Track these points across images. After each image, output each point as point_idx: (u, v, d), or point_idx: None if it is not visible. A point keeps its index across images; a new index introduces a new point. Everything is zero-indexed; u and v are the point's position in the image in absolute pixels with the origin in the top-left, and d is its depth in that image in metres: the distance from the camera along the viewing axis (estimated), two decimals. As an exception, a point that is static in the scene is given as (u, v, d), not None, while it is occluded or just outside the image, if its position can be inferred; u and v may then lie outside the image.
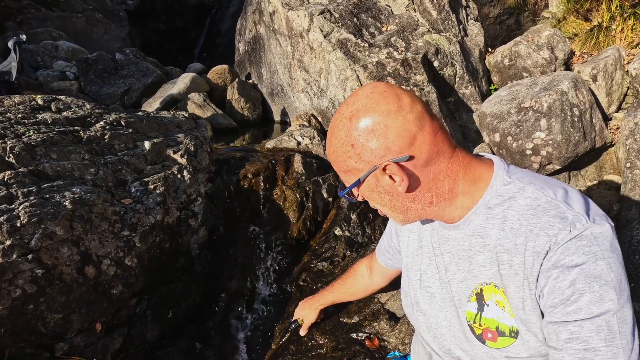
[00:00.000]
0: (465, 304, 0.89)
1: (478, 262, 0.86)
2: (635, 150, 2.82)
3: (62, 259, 1.58)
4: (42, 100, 2.29)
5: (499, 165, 0.88)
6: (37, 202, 1.62)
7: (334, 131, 0.84)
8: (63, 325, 1.57)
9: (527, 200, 0.81)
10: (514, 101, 3.17)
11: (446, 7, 3.81)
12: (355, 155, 0.81)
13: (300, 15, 3.46)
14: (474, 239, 0.86)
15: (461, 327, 0.90)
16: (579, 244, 0.74)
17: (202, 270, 2.14)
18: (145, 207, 1.96)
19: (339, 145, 0.83)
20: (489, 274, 0.85)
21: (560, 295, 0.74)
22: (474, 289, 0.87)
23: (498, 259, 0.82)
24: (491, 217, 0.84)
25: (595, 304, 0.72)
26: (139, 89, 4.59)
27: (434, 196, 0.84)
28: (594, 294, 0.72)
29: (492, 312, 0.85)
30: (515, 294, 0.81)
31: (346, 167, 0.84)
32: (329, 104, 3.41)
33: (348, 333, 1.85)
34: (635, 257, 1.78)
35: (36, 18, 6.84)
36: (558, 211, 0.77)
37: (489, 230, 0.84)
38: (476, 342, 0.87)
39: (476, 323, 0.87)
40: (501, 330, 0.84)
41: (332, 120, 0.87)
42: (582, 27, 4.78)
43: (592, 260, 0.73)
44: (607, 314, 0.72)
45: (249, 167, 2.55)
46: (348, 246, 2.44)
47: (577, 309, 0.73)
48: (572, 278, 0.73)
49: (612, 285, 0.72)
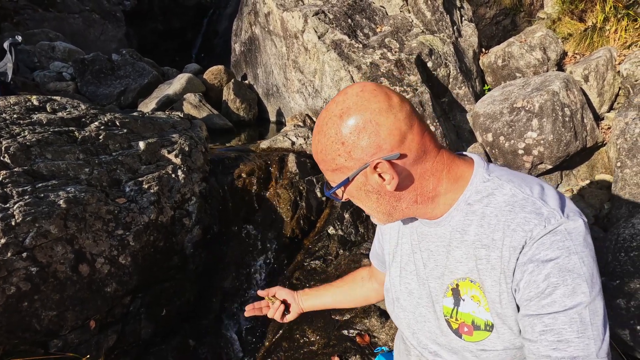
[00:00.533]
0: (441, 299, 0.91)
1: (455, 257, 0.89)
2: (626, 150, 2.85)
3: (57, 257, 1.61)
4: (37, 101, 2.32)
5: (479, 164, 0.90)
6: (32, 201, 1.64)
7: (323, 129, 0.83)
8: (57, 323, 1.59)
9: (505, 197, 0.83)
10: (506, 101, 3.20)
11: (440, 8, 3.84)
12: (346, 153, 0.81)
13: (295, 16, 3.49)
14: (454, 235, 0.88)
15: (437, 322, 0.93)
16: (554, 238, 0.77)
17: (196, 269, 2.16)
18: (140, 206, 1.98)
19: (328, 144, 0.82)
20: (465, 269, 0.87)
21: (536, 288, 0.77)
22: (450, 284, 0.90)
23: (476, 254, 0.85)
24: (470, 213, 0.87)
25: (568, 297, 0.75)
26: (135, 90, 4.61)
27: (419, 195, 0.86)
28: (567, 287, 0.75)
29: (468, 307, 0.87)
30: (492, 288, 0.83)
31: (335, 165, 0.84)
32: (324, 104, 3.44)
33: (339, 330, 1.87)
34: (621, 255, 1.81)
35: (33, 19, 6.85)
36: (534, 207, 0.80)
37: (468, 226, 0.86)
38: (453, 337, 0.89)
39: (453, 318, 0.90)
40: (477, 324, 0.86)
41: (319, 118, 0.86)
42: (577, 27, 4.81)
43: (566, 254, 0.75)
44: (580, 306, 0.74)
45: (244, 166, 2.58)
46: (341, 245, 2.47)
47: (551, 302, 0.75)
48: (546, 272, 0.76)
49: (585, 278, 0.75)
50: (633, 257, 1.78)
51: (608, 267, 1.87)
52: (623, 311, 1.71)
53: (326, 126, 0.82)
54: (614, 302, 1.74)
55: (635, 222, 1.92)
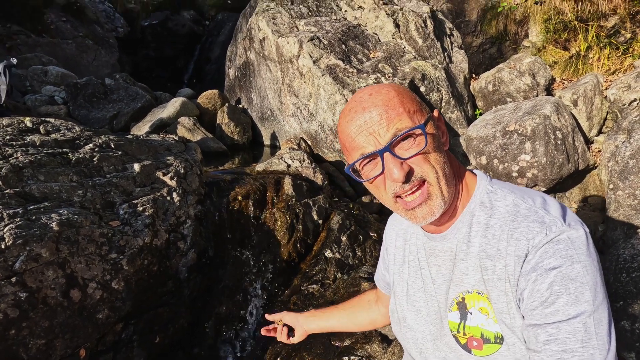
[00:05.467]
0: (447, 314, 0.90)
1: (460, 270, 0.88)
2: (617, 172, 2.89)
3: (47, 282, 1.54)
4: (30, 123, 2.28)
5: (482, 176, 0.93)
6: (23, 223, 1.59)
7: (382, 90, 0.83)
8: (45, 352, 1.51)
9: (508, 207, 0.84)
10: (498, 125, 3.25)
11: (431, 35, 3.94)
12: (416, 99, 0.85)
13: (290, 42, 3.54)
14: (460, 247, 0.88)
15: (444, 338, 0.90)
16: (557, 247, 0.76)
17: (190, 294, 2.10)
18: (134, 229, 1.93)
19: (400, 90, 0.84)
20: (471, 282, 0.86)
21: (539, 297, 0.76)
22: (455, 297, 0.88)
23: (481, 265, 0.84)
24: (475, 224, 0.87)
25: (571, 306, 0.74)
26: (128, 114, 4.59)
27: (454, 170, 0.88)
28: (570, 295, 0.74)
29: (476, 320, 0.85)
30: (498, 299, 0.82)
31: (415, 107, 0.83)
32: (319, 127, 3.45)
33: (340, 356, 1.82)
34: (623, 275, 1.80)
35: (26, 44, 6.87)
36: (537, 216, 0.80)
37: (474, 237, 0.86)
38: (462, 352, 0.87)
39: (460, 332, 0.87)
40: (486, 337, 0.84)
41: (362, 100, 0.83)
42: (561, 55, 4.97)
43: (569, 263, 0.75)
44: (583, 315, 0.73)
45: (239, 189, 2.55)
46: (339, 268, 2.42)
47: (554, 311, 0.75)
48: (550, 280, 0.75)
49: (589, 287, 0.74)
50: (635, 277, 1.77)
51: (610, 289, 1.86)
52: (628, 333, 1.69)
53: (385, 88, 0.85)
54: (619, 325, 1.72)
55: (635, 242, 1.93)
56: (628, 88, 3.35)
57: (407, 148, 0.81)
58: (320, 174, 3.04)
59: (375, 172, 0.83)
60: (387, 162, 0.80)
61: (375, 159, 0.83)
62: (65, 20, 7.95)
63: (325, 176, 3.08)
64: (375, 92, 0.84)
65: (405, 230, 1.07)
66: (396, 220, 1.12)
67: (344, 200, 3.09)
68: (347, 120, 0.84)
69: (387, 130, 0.80)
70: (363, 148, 0.82)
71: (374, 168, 0.84)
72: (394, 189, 0.82)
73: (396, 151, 0.80)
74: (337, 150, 3.40)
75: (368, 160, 0.84)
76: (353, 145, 0.83)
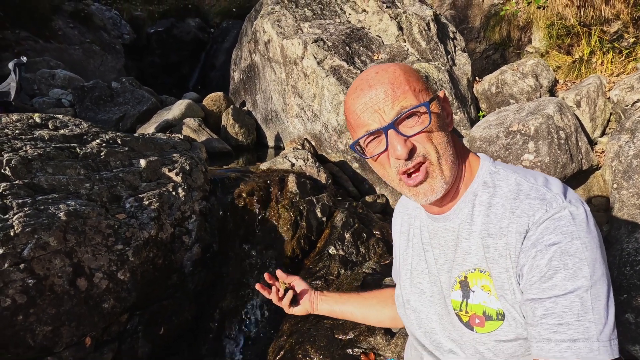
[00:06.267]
0: (449, 293, 0.91)
1: (463, 249, 0.89)
2: (621, 172, 2.89)
3: (54, 270, 1.56)
4: (39, 119, 2.32)
5: (485, 158, 0.94)
6: (32, 212, 1.61)
7: (388, 69, 0.84)
8: (52, 339, 1.53)
9: (511, 186, 0.86)
10: (502, 125, 3.26)
11: (434, 38, 3.97)
12: (422, 78, 0.86)
13: (295, 44, 3.58)
14: (462, 226, 0.89)
15: (449, 317, 0.91)
16: (557, 224, 0.77)
17: (195, 288, 2.11)
18: (140, 222, 1.95)
19: (406, 69, 0.86)
20: (474, 260, 0.87)
21: (538, 273, 0.77)
22: (458, 277, 0.89)
23: (484, 243, 0.85)
24: (478, 203, 0.88)
25: (568, 281, 0.74)
26: (134, 116, 4.64)
27: (457, 152, 0.89)
28: (567, 270, 0.75)
29: (478, 298, 0.86)
30: (500, 276, 0.83)
31: (420, 86, 0.84)
32: (323, 128, 3.48)
33: (343, 349, 1.82)
34: (627, 269, 1.80)
35: (34, 49, 6.97)
36: (538, 194, 0.81)
37: (476, 217, 0.87)
38: (465, 330, 0.88)
39: (462, 311, 0.88)
40: (488, 314, 0.85)
41: (368, 78, 0.84)
42: (565, 60, 4.99)
43: (569, 239, 0.76)
44: (580, 290, 0.74)
45: (244, 186, 2.57)
46: (342, 265, 2.43)
47: (552, 286, 0.75)
48: (549, 256, 0.76)
49: (587, 262, 0.75)
50: (639, 270, 1.77)
51: (614, 282, 1.85)
52: (632, 326, 1.69)
53: (391, 67, 0.86)
54: (623, 317, 1.72)
55: (639, 236, 1.93)
56: (631, 89, 3.36)
57: (411, 126, 0.82)
58: (324, 173, 3.05)
59: (379, 149, 0.85)
60: (391, 138, 0.81)
61: (379, 137, 0.85)
62: (73, 26, 8.07)
63: (329, 175, 3.10)
64: (382, 70, 0.85)
65: (409, 215, 1.08)
66: (402, 206, 1.14)
67: (347, 200, 3.10)
68: (353, 97, 0.86)
69: (392, 107, 0.81)
70: (368, 125, 0.84)
71: (378, 145, 0.85)
72: (397, 166, 0.84)
73: (400, 128, 0.82)
74: (341, 151, 3.42)
75: (373, 137, 0.85)
76: (358, 122, 0.85)
